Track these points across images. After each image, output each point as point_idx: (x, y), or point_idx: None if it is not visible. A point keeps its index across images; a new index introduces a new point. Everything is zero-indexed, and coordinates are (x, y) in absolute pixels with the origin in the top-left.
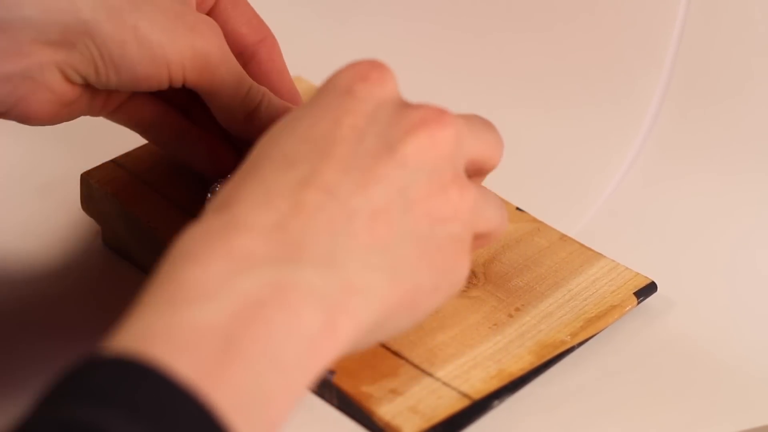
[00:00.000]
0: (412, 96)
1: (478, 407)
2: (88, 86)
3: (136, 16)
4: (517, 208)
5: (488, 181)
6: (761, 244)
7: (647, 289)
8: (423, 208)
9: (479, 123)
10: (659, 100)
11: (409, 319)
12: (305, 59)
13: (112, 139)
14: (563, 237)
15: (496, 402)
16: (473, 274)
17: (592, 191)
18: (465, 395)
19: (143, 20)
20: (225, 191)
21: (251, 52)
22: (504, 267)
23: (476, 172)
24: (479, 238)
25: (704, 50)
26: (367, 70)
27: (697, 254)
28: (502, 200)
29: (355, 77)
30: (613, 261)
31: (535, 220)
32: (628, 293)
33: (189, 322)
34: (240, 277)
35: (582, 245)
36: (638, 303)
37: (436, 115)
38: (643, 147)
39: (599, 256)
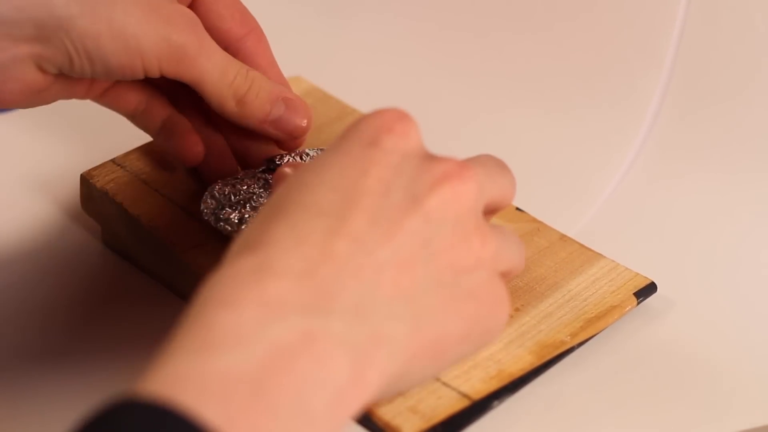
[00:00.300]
0: (413, 96)
1: (478, 407)
2: (61, 74)
3: (110, 10)
4: (517, 208)
5: None
6: (761, 243)
7: (647, 290)
8: (446, 260)
9: (495, 167)
10: (659, 100)
11: (434, 367)
12: (305, 59)
13: (112, 139)
14: (563, 237)
15: (495, 402)
16: None
17: (592, 191)
18: (465, 395)
19: (117, 13)
20: (251, 231)
21: (236, 47)
22: None
23: (491, 212)
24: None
25: (704, 50)
26: (391, 121)
27: (697, 254)
28: (518, 239)
29: (380, 129)
30: (613, 261)
31: (534, 220)
32: (627, 293)
33: (219, 368)
34: (271, 324)
35: (582, 245)
36: (638, 303)
37: (457, 169)
38: (643, 147)
39: (599, 256)
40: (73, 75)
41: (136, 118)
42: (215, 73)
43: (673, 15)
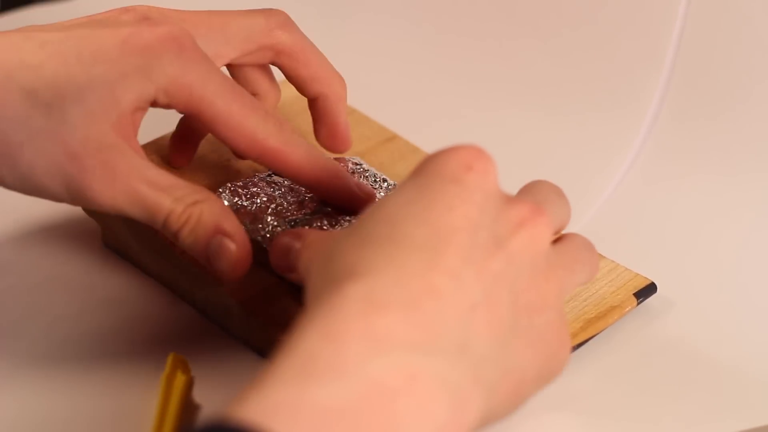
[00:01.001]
0: (413, 98)
1: None
2: None
3: (15, 159)
4: None
5: None
6: (761, 244)
7: (647, 290)
8: (523, 302)
9: (556, 199)
10: (659, 100)
11: (511, 408)
12: None
13: None
14: None
15: None
16: None
17: (591, 192)
18: None
19: (23, 166)
20: (343, 256)
21: (314, 102)
22: None
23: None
24: None
25: (704, 51)
26: (471, 159)
27: (697, 255)
28: (590, 245)
29: (460, 165)
30: (613, 261)
31: None
32: (627, 294)
33: (315, 400)
34: (373, 359)
35: None
36: (638, 304)
37: (533, 213)
38: (643, 147)
39: (599, 256)
40: None
41: None
42: (140, 215)
43: (673, 16)
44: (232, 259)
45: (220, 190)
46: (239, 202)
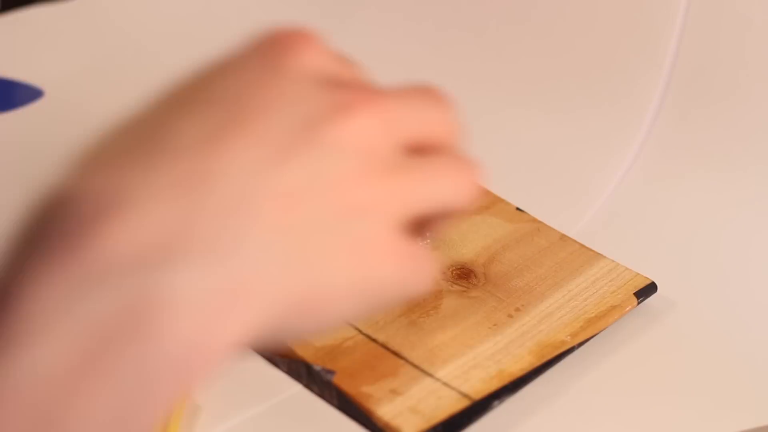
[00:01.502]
0: None
1: (478, 407)
2: None
3: None
4: (517, 208)
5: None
6: (761, 243)
7: (647, 290)
8: (339, 198)
9: (419, 100)
10: (659, 100)
11: (317, 320)
12: None
13: None
14: (563, 237)
15: (496, 402)
16: (473, 274)
17: (592, 191)
18: (465, 395)
19: None
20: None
21: None
22: (504, 267)
23: (424, 148)
24: (433, 221)
25: (704, 50)
26: (291, 37)
27: (697, 254)
28: (468, 161)
29: (276, 44)
30: (613, 261)
31: (535, 220)
32: (628, 293)
33: (10, 380)
34: (82, 299)
35: (582, 245)
36: (638, 303)
37: (362, 100)
38: (643, 147)
39: (599, 256)
40: None
41: None
42: None
43: (673, 15)
44: None
45: None
46: None
